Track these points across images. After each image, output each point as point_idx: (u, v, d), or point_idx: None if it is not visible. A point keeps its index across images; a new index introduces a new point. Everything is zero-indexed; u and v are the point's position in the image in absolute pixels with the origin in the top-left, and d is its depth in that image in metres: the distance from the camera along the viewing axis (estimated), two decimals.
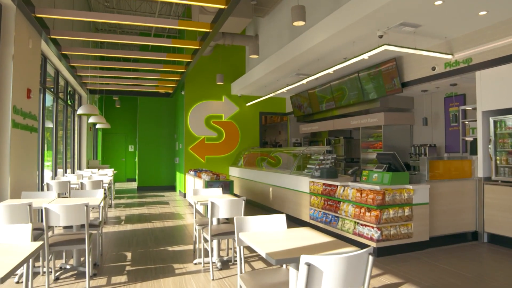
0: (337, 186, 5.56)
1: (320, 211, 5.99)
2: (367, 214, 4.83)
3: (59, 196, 6.48)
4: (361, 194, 4.98)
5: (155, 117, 13.43)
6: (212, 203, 3.78)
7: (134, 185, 14.47)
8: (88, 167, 11.42)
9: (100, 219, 4.71)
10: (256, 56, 7.72)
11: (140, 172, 13.29)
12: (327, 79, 8.83)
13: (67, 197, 5.33)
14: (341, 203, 5.43)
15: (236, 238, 2.58)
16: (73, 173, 9.74)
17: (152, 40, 6.45)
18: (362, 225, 4.98)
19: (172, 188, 13.37)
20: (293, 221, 6.98)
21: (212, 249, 4.29)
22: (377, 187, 4.79)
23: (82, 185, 6.47)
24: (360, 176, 5.51)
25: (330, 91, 9.03)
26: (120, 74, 9.31)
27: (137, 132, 13.54)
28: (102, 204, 4.65)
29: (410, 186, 4.90)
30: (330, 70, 6.96)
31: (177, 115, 12.61)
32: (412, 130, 8.13)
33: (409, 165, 7.61)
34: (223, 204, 3.82)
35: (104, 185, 7.23)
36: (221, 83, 10.40)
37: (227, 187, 6.88)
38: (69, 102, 9.55)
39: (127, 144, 17.24)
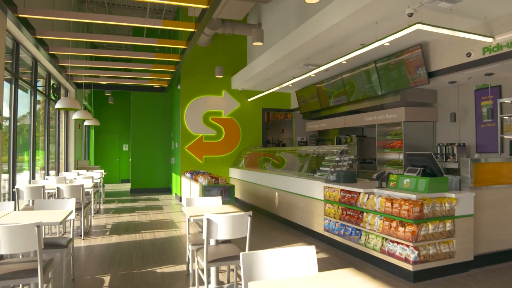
0: (360, 193, 4.66)
1: (337, 222, 5.08)
2: (401, 229, 3.93)
3: (33, 204, 5.58)
4: (391, 204, 4.07)
5: (150, 114, 12.50)
6: (209, 221, 2.88)
7: (128, 186, 13.52)
8: (76, 168, 10.51)
9: (71, 236, 3.80)
10: (260, 44, 6.82)
11: (134, 173, 12.37)
12: (339, 71, 7.93)
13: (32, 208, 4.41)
14: (365, 214, 4.53)
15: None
16: (58, 175, 8.83)
17: (140, 21, 5.53)
18: (393, 241, 4.08)
19: (168, 190, 12.45)
20: (304, 232, 6.07)
21: (208, 271, 3.39)
22: (413, 196, 3.89)
23: (58, 191, 5.56)
24: (386, 181, 4.61)
25: (341, 84, 8.13)
26: (110, 65, 8.38)
27: (130, 130, 12.62)
28: (73, 216, 3.75)
29: (452, 195, 4.00)
30: (344, 59, 6.05)
31: (173, 111, 11.69)
32: (435, 128, 7.23)
33: None
34: (222, 222, 2.92)
35: (86, 189, 6.33)
36: (221, 77, 9.49)
37: (227, 192, 5.98)
38: (52, 97, 8.63)
39: (121, 143, 16.34)
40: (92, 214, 7.72)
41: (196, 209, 3.68)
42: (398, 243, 3.99)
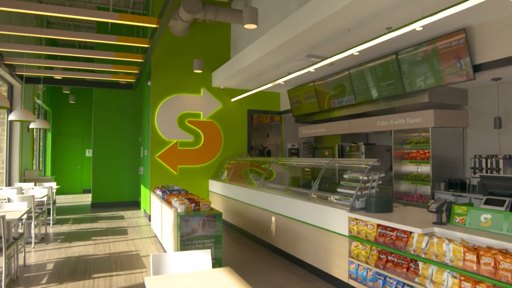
0: (411, 233, 3.20)
1: (370, 269, 3.61)
2: None
3: None
4: (477, 257, 2.63)
5: (116, 115, 10.70)
6: None
7: (90, 198, 11.62)
8: (22, 181, 8.60)
9: None
10: (254, 26, 5.30)
11: (96, 185, 10.52)
12: (346, 65, 6.52)
13: None
14: (423, 264, 3.07)
15: None
16: None
17: None
18: None
19: (136, 205, 10.67)
20: (315, 274, 4.57)
21: None
22: None
23: None
24: (448, 213, 3.19)
25: (348, 81, 6.73)
26: (63, 53, 6.58)
27: (91, 134, 10.78)
28: None
29: None
30: (360, 48, 4.60)
31: (143, 112, 9.97)
32: (465, 135, 5.93)
33: (464, 184, 5.42)
34: None
35: (17, 219, 4.57)
36: (199, 72, 7.87)
37: (212, 223, 4.39)
38: None
39: (83, 148, 14.38)
40: (32, 246, 5.94)
41: (169, 285, 2.09)
42: None
